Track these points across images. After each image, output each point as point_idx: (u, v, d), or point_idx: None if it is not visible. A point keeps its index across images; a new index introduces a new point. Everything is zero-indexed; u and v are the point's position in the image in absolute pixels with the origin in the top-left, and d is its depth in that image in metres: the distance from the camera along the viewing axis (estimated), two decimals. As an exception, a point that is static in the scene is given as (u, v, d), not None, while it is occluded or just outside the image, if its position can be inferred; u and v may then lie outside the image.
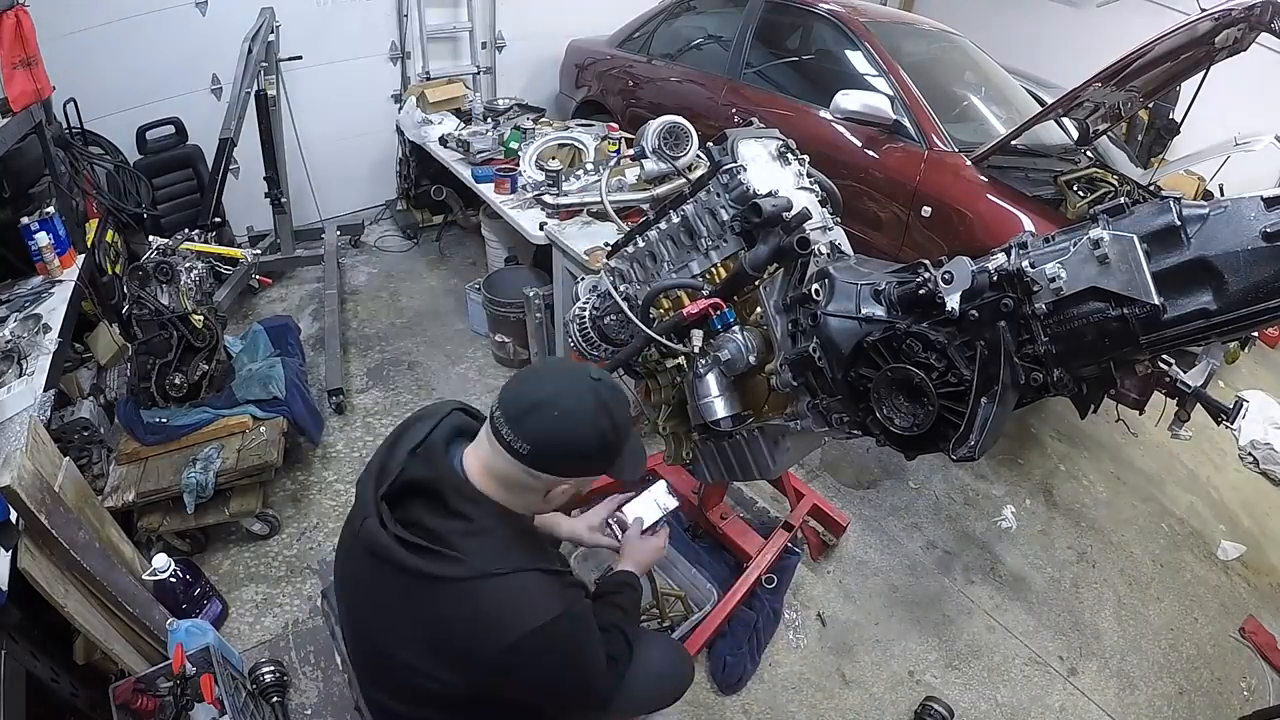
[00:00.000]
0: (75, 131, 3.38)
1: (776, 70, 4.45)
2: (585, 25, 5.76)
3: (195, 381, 2.79)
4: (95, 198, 3.24)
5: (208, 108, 4.35)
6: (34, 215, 2.68)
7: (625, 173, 3.21)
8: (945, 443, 1.21)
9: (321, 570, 2.69)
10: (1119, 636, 2.83)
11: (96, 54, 3.91)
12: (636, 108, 4.93)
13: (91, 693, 1.88)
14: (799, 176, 1.75)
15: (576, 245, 3.03)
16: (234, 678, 2.06)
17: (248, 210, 4.68)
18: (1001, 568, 3.04)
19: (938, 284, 1.19)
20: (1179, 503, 3.58)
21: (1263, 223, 0.97)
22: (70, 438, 2.60)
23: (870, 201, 3.58)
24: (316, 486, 3.06)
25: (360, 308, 4.43)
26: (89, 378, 2.87)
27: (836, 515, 2.89)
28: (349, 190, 5.43)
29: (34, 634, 1.84)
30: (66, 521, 1.85)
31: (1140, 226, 1.07)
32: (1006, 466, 3.57)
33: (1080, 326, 1.10)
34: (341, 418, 3.45)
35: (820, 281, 1.41)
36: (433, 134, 4.39)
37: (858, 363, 1.32)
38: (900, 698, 2.49)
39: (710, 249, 1.78)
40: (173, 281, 2.77)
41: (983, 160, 3.25)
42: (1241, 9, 2.55)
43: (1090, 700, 2.57)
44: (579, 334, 2.10)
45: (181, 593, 2.31)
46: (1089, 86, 2.94)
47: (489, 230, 4.35)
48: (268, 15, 4.06)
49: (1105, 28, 5.99)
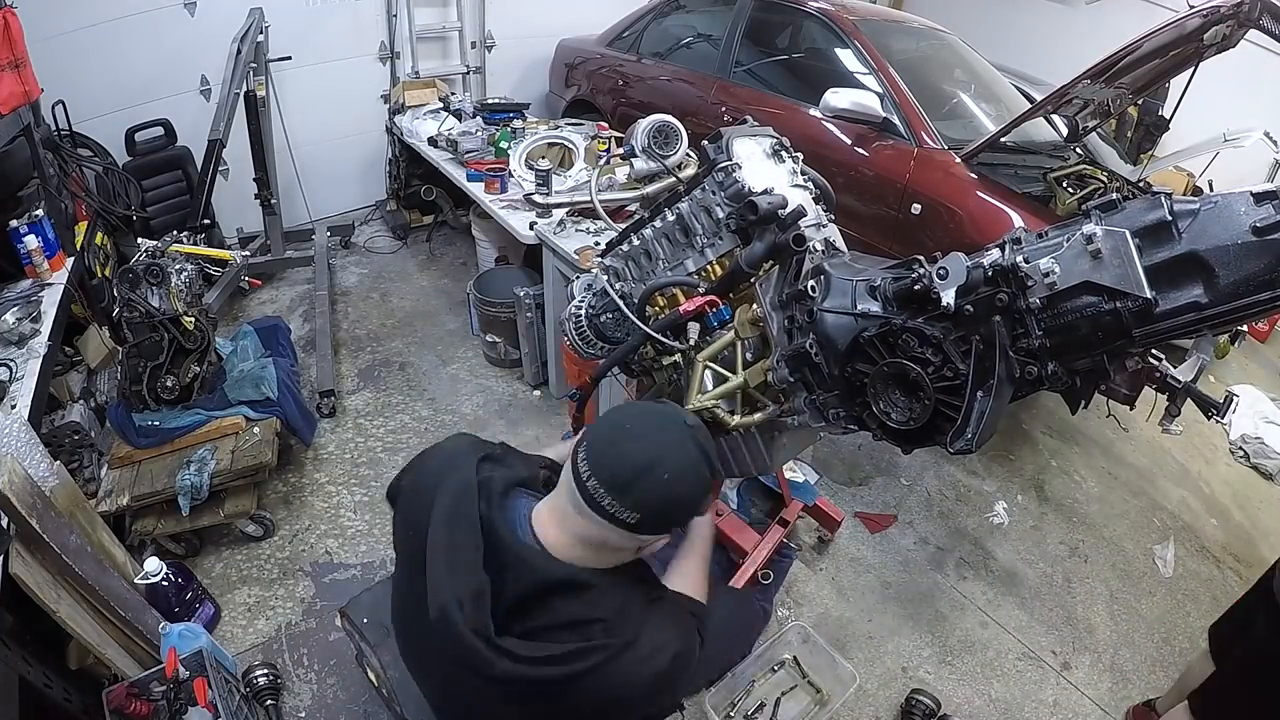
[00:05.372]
0: (64, 134, 3.35)
1: (766, 69, 4.46)
2: (575, 24, 5.77)
3: (187, 384, 2.78)
4: (84, 200, 3.22)
5: (197, 109, 4.33)
6: (22, 218, 2.65)
7: (615, 171, 3.21)
8: (942, 436, 1.21)
9: (315, 573, 2.69)
10: (1111, 631, 2.84)
11: (85, 56, 3.88)
12: (626, 107, 4.93)
13: (85, 698, 1.86)
14: (793, 174, 1.75)
15: (567, 244, 3.03)
16: (227, 681, 2.06)
17: (237, 212, 4.67)
18: (994, 563, 3.05)
19: (933, 279, 1.20)
20: (1170, 497, 3.61)
21: (1252, 217, 0.98)
22: (61, 441, 2.59)
23: (860, 199, 3.59)
24: (309, 488, 3.05)
25: (351, 309, 4.42)
26: (79, 381, 2.85)
27: (831, 511, 2.89)
28: (339, 191, 5.43)
29: (26, 639, 1.82)
30: (58, 526, 1.83)
31: (1132, 222, 1.07)
32: (998, 462, 3.59)
33: (1074, 320, 1.11)
34: (333, 419, 3.44)
35: (816, 278, 1.41)
36: (422, 131, 4.38)
37: (854, 358, 1.32)
38: (894, 694, 2.49)
39: (705, 246, 1.78)
40: (163, 283, 2.76)
41: (972, 157, 3.27)
42: (1230, 6, 2.57)
43: (1084, 694, 2.59)
44: (575, 333, 2.10)
45: (174, 596, 2.30)
46: (1078, 83, 2.96)
47: (479, 230, 4.34)
48: (256, 16, 4.05)
49: (1094, 24, 6.05)
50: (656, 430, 1.21)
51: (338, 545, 2.82)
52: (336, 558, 2.77)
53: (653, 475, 1.15)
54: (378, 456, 3.26)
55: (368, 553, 2.80)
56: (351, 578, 2.69)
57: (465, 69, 5.54)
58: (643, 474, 1.15)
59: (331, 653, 2.42)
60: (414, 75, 5.21)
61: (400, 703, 1.63)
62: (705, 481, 1.22)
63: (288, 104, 4.50)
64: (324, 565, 2.74)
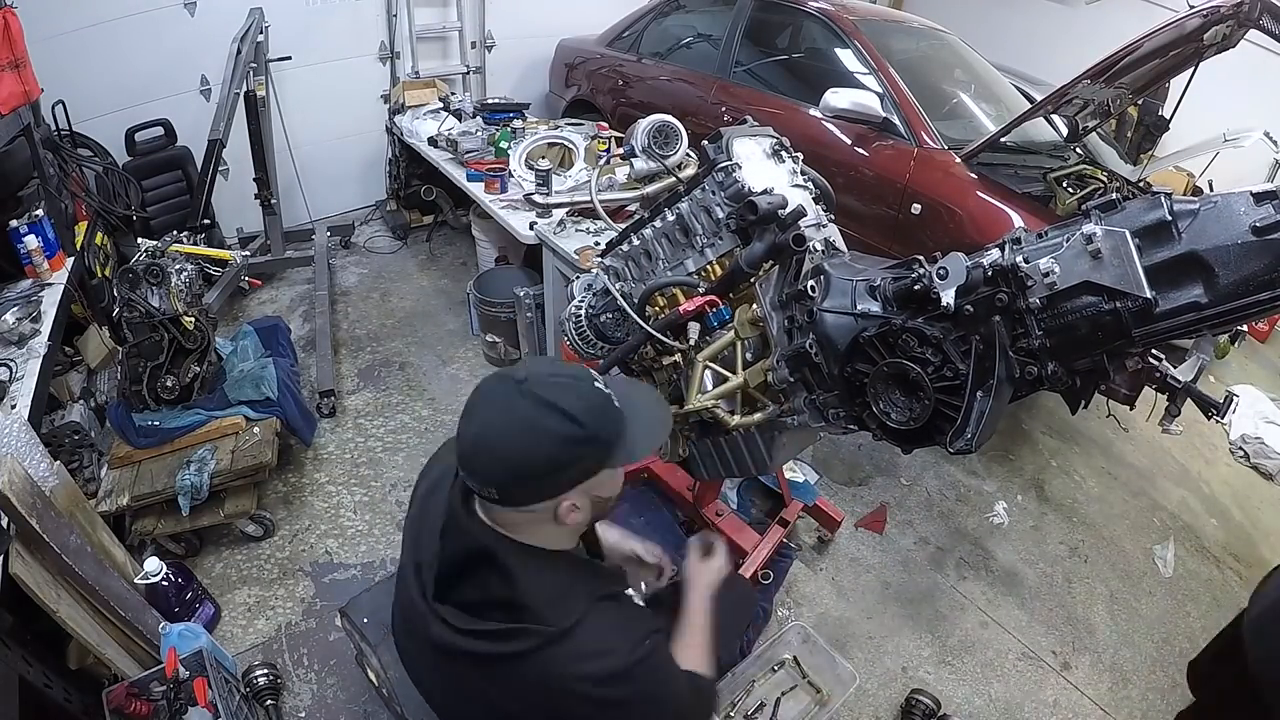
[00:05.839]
0: (64, 134, 3.35)
1: (766, 68, 4.46)
2: (575, 24, 5.76)
3: (187, 384, 2.77)
4: (84, 200, 3.22)
5: (197, 109, 4.33)
6: (22, 218, 2.65)
7: (615, 171, 3.21)
8: (942, 436, 1.22)
9: (315, 573, 2.69)
10: (1112, 631, 2.84)
11: (85, 56, 3.88)
12: (626, 106, 4.93)
13: (85, 698, 1.86)
14: (793, 174, 1.76)
15: (567, 244, 3.03)
16: (227, 681, 2.06)
17: (237, 212, 4.67)
18: (994, 563, 3.05)
19: (933, 279, 1.20)
20: (1170, 497, 3.61)
21: (1252, 217, 0.99)
22: (61, 441, 2.59)
23: (860, 199, 3.59)
24: (309, 488, 3.05)
25: (351, 309, 4.42)
26: (79, 381, 2.85)
27: (831, 511, 2.89)
28: (339, 191, 5.43)
29: (26, 639, 1.82)
30: (58, 526, 1.83)
31: (1132, 222, 1.08)
32: (998, 463, 3.59)
33: (1074, 320, 1.11)
34: (333, 419, 3.44)
35: (816, 278, 1.41)
36: (422, 131, 4.38)
37: (854, 358, 1.33)
38: (894, 694, 2.49)
39: (705, 246, 1.78)
40: (163, 284, 2.75)
41: (972, 157, 3.27)
42: (1230, 6, 2.57)
43: (1084, 695, 2.58)
44: (575, 333, 2.10)
45: (174, 596, 2.30)
46: (1078, 83, 2.96)
47: (479, 230, 4.34)
48: (256, 16, 4.05)
49: (1094, 24, 6.04)
50: (486, 398, 1.19)
51: (338, 545, 2.82)
52: (336, 558, 2.77)
53: (483, 445, 1.15)
54: (378, 456, 3.25)
55: (368, 553, 2.79)
56: (351, 578, 2.69)
57: (465, 69, 5.54)
58: (478, 447, 1.15)
59: (331, 653, 2.42)
60: (414, 75, 5.21)
61: (400, 703, 1.63)
62: (554, 434, 1.12)
63: (288, 104, 4.49)
64: (324, 565, 2.74)
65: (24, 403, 2.20)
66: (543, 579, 1.20)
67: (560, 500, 1.17)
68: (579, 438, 1.14)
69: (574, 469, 1.16)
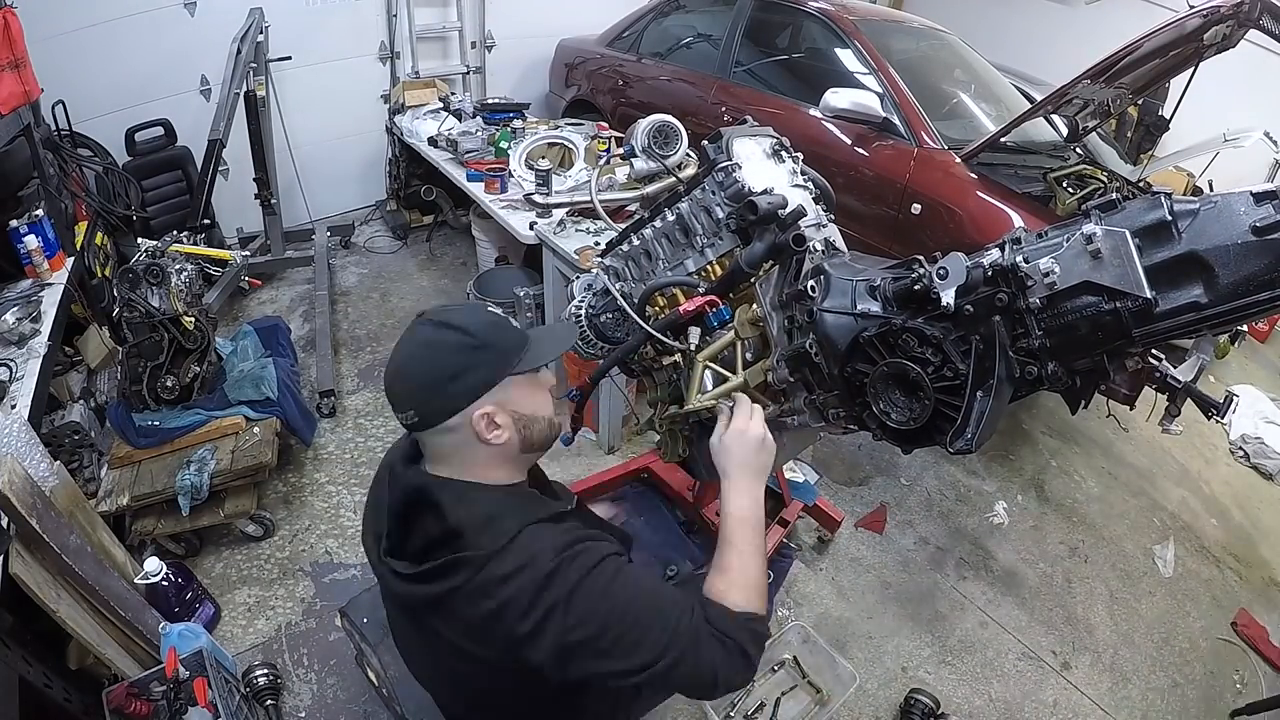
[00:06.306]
0: (64, 134, 3.35)
1: (766, 69, 4.46)
2: (575, 24, 5.76)
3: (187, 384, 2.78)
4: (84, 200, 3.22)
5: (197, 109, 4.33)
6: (22, 218, 2.65)
7: (615, 171, 3.21)
8: (942, 436, 1.21)
9: (315, 573, 2.69)
10: (1111, 631, 2.84)
11: (85, 56, 3.88)
12: (626, 107, 4.93)
13: (85, 698, 1.86)
14: (793, 174, 1.75)
15: (567, 244, 3.03)
16: (227, 681, 2.06)
17: (237, 212, 4.67)
18: (994, 563, 3.05)
19: (933, 279, 1.20)
20: (1170, 497, 3.61)
21: (1252, 217, 0.98)
22: (61, 441, 2.59)
23: (860, 199, 3.59)
24: (309, 488, 3.05)
25: (351, 309, 4.42)
26: (79, 381, 2.85)
27: (831, 511, 2.89)
28: (339, 191, 5.43)
29: (26, 639, 1.82)
30: (57, 526, 1.84)
31: (1132, 221, 1.07)
32: (998, 462, 3.59)
33: (1074, 320, 1.11)
34: (333, 419, 3.43)
35: (816, 278, 1.41)
36: (422, 131, 4.38)
37: (854, 358, 1.32)
38: (893, 694, 2.49)
39: (705, 246, 1.78)
40: (163, 284, 2.75)
41: (972, 157, 3.27)
42: (1230, 6, 2.57)
43: (1084, 694, 2.58)
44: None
45: (174, 596, 2.30)
46: (1078, 83, 2.96)
47: (479, 230, 4.34)
48: (256, 16, 4.05)
49: (1094, 24, 6.04)
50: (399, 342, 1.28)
51: (338, 545, 2.82)
52: (336, 558, 2.77)
53: (397, 374, 1.24)
54: (377, 456, 3.25)
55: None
56: (351, 578, 2.69)
57: (465, 69, 5.54)
58: (393, 379, 1.25)
59: (331, 653, 2.42)
60: (414, 75, 5.21)
61: (400, 703, 1.63)
62: (449, 344, 1.22)
63: (288, 104, 4.49)
64: (324, 565, 2.74)
65: (24, 403, 2.20)
66: (474, 507, 1.20)
67: (472, 411, 1.21)
68: (471, 345, 1.22)
69: (471, 374, 1.22)
